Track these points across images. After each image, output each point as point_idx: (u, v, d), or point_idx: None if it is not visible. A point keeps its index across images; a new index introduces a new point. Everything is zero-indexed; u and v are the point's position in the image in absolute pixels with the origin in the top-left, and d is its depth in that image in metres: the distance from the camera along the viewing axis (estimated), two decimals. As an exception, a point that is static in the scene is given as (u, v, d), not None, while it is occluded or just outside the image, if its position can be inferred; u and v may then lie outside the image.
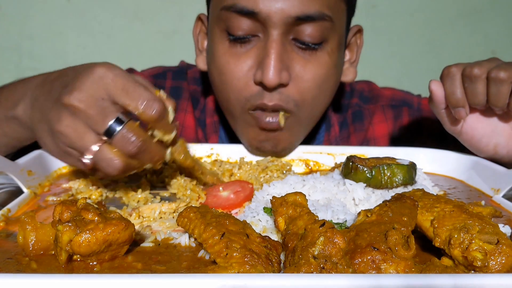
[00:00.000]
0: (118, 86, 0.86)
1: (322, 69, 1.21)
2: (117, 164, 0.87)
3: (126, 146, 0.86)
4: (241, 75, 1.19)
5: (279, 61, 1.14)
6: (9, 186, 1.02)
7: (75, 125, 0.86)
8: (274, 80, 1.13)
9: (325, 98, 1.28)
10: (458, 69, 1.09)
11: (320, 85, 1.22)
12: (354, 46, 1.40)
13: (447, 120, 1.17)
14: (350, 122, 1.56)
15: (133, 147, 0.86)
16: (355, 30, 1.38)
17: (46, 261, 0.70)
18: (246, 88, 1.19)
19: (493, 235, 0.66)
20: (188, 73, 1.60)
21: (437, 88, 1.12)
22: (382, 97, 1.60)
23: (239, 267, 0.63)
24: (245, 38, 1.18)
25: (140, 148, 0.87)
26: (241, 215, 0.89)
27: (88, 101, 0.86)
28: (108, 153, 0.86)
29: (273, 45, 1.14)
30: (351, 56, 1.41)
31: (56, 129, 0.88)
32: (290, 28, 1.15)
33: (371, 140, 1.56)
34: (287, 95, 1.19)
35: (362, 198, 0.93)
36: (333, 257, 0.62)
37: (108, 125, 0.85)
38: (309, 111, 1.25)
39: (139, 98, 0.86)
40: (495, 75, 1.03)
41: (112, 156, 0.86)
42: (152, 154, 0.90)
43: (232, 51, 1.20)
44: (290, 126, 1.23)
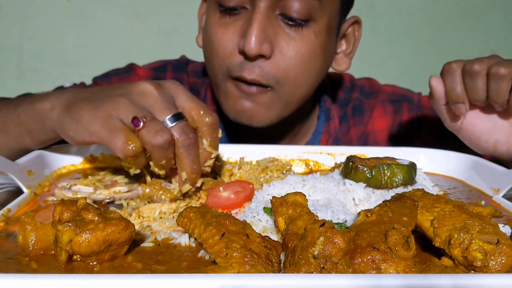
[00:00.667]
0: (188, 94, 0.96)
1: (306, 47, 1.24)
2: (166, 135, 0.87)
3: (182, 136, 0.90)
4: (226, 44, 1.25)
5: (261, 31, 1.19)
6: (9, 186, 1.02)
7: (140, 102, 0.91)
8: (254, 49, 1.18)
9: (310, 78, 1.30)
10: (458, 65, 1.10)
11: (304, 63, 1.25)
12: (351, 37, 1.42)
13: (447, 116, 1.17)
14: (350, 116, 1.58)
15: (188, 139, 0.90)
16: (351, 20, 1.40)
17: (46, 261, 0.70)
18: (230, 57, 1.25)
19: (493, 235, 0.66)
20: (189, 67, 1.63)
21: (437, 84, 1.13)
22: (382, 92, 1.62)
23: (239, 267, 0.63)
24: (234, 10, 1.24)
25: (192, 145, 0.91)
26: (241, 215, 0.89)
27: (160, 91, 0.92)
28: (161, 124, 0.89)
29: (257, 16, 1.20)
30: (347, 47, 1.43)
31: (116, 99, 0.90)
32: (276, 2, 1.20)
33: (370, 134, 1.57)
34: (268, 72, 1.23)
35: (362, 198, 0.93)
36: (333, 257, 0.62)
37: (172, 114, 0.90)
38: (291, 89, 1.28)
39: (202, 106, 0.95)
40: (495, 71, 1.03)
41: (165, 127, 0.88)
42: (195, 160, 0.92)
43: (221, 21, 1.26)
44: (267, 101, 1.28)
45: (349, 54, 1.44)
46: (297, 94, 1.32)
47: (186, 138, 0.90)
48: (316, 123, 1.57)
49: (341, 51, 1.43)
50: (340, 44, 1.42)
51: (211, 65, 1.33)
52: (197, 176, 0.94)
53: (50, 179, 1.10)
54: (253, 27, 1.19)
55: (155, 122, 0.88)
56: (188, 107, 0.94)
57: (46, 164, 1.12)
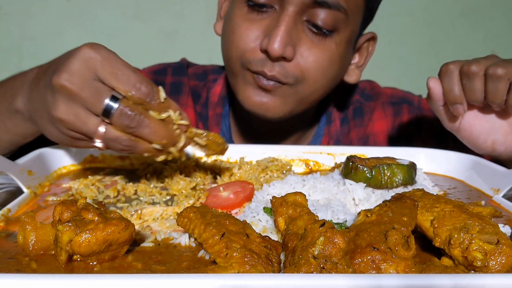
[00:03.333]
0: (107, 69, 0.86)
1: (326, 55, 1.27)
2: (125, 141, 0.87)
3: (126, 122, 0.86)
4: (249, 39, 1.27)
5: (287, 35, 1.22)
6: (9, 186, 1.02)
7: (74, 110, 0.87)
8: (278, 51, 1.20)
9: (326, 84, 1.33)
10: (456, 66, 1.10)
11: (323, 69, 1.28)
12: (364, 51, 1.46)
13: (445, 117, 1.17)
14: (351, 118, 1.58)
15: (133, 122, 0.86)
16: (369, 36, 1.43)
17: (46, 261, 0.70)
18: (251, 52, 1.27)
19: (493, 235, 0.66)
20: (189, 70, 1.63)
21: (435, 85, 1.13)
22: (382, 94, 1.62)
23: (239, 267, 0.63)
24: (263, 7, 1.26)
25: (141, 123, 0.87)
26: (241, 215, 0.89)
27: (79, 83, 0.85)
28: (113, 133, 0.87)
29: (286, 18, 1.22)
30: (360, 60, 1.46)
31: (55, 116, 0.88)
32: (305, 9, 1.23)
33: (370, 136, 1.58)
34: (288, 71, 1.26)
35: (362, 198, 0.93)
36: (333, 257, 0.62)
37: (104, 104, 0.85)
38: (309, 90, 1.31)
39: (128, 81, 0.87)
40: (492, 72, 1.03)
41: (118, 134, 0.87)
42: (157, 130, 0.88)
43: (248, 16, 1.28)
44: (285, 94, 1.30)
45: (360, 67, 1.47)
46: (313, 96, 1.35)
47: (128, 121, 0.86)
48: (318, 125, 1.58)
49: (353, 63, 1.46)
50: (354, 56, 1.45)
51: (229, 54, 1.33)
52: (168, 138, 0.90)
53: (50, 179, 1.10)
54: (280, 29, 1.21)
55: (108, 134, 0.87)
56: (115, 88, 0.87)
57: (46, 164, 1.12)
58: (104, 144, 0.89)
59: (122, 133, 0.87)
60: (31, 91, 0.98)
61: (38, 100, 0.94)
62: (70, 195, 1.01)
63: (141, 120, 0.87)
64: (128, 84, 0.87)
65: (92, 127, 0.87)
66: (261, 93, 1.31)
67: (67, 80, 0.85)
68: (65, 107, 0.87)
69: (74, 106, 0.86)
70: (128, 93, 0.87)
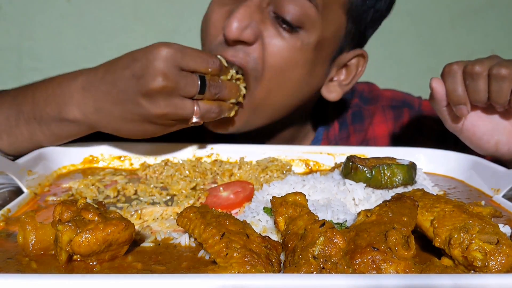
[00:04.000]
0: (186, 59, 1.03)
1: (289, 52, 1.18)
2: (216, 108, 1.09)
3: (214, 91, 1.08)
4: (216, 22, 1.24)
5: (246, 17, 1.15)
6: (9, 186, 1.02)
7: (173, 102, 1.03)
8: (234, 32, 1.14)
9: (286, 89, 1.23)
10: (459, 66, 1.09)
11: (282, 67, 1.19)
12: (353, 70, 1.35)
13: (448, 117, 1.17)
14: (350, 123, 1.56)
15: (218, 89, 1.09)
16: (357, 52, 1.33)
17: (46, 261, 0.70)
18: (216, 37, 1.22)
19: (493, 235, 0.66)
20: None
21: (438, 85, 1.12)
22: (382, 98, 1.60)
23: (239, 267, 0.63)
24: None
25: (222, 88, 1.10)
26: (241, 215, 0.89)
27: (173, 78, 1.01)
28: (206, 106, 1.07)
29: (249, 2, 1.16)
30: (345, 78, 1.35)
31: (156, 114, 1.03)
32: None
33: (370, 140, 1.56)
34: (252, 56, 1.18)
35: (362, 198, 0.93)
36: (333, 257, 0.62)
37: (198, 85, 1.04)
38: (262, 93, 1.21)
39: (203, 61, 1.06)
40: (496, 72, 1.03)
41: (210, 106, 1.08)
42: (231, 89, 1.13)
43: (221, 2, 1.25)
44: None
45: (344, 85, 1.36)
46: (268, 102, 1.23)
47: (216, 91, 1.08)
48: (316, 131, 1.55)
49: (337, 80, 1.35)
50: (340, 72, 1.35)
51: (203, 45, 1.30)
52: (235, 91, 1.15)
53: (50, 179, 1.10)
54: (239, 11, 1.14)
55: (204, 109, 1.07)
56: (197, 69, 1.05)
57: (46, 164, 1.12)
58: (200, 119, 1.07)
59: (210, 102, 1.08)
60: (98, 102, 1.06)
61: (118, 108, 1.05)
62: (70, 195, 1.01)
63: (222, 86, 1.10)
64: (205, 64, 1.06)
65: (191, 109, 1.05)
66: None
67: (164, 81, 1.00)
68: (165, 103, 1.02)
69: (172, 99, 1.02)
70: (208, 70, 1.06)
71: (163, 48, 1.01)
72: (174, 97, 1.02)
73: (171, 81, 1.00)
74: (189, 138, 1.30)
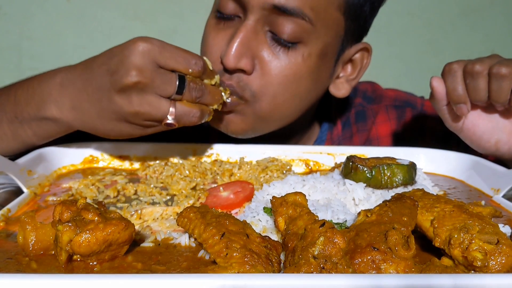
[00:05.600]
0: (165, 55, 0.98)
1: (291, 69, 1.19)
2: (195, 111, 1.03)
3: (195, 94, 1.02)
4: (213, 49, 1.23)
5: (242, 45, 1.15)
6: (9, 186, 1.02)
7: (147, 100, 0.98)
8: (231, 62, 1.15)
9: (293, 100, 1.24)
10: (459, 65, 1.09)
11: (285, 84, 1.19)
12: (358, 63, 1.35)
13: (448, 116, 1.17)
14: (353, 122, 1.56)
15: (199, 92, 1.02)
16: (360, 47, 1.33)
17: (46, 261, 0.70)
18: (214, 65, 1.20)
19: (493, 235, 0.66)
20: None
21: (438, 84, 1.13)
22: (385, 97, 1.60)
23: (239, 267, 0.63)
24: (229, 17, 1.22)
25: (204, 91, 1.03)
26: (241, 215, 0.89)
27: (149, 74, 0.96)
28: (184, 108, 1.01)
29: (243, 28, 1.16)
30: (352, 73, 1.36)
31: (130, 111, 0.98)
32: (267, 17, 1.15)
33: (374, 140, 1.56)
34: (246, 83, 1.18)
35: (362, 198, 0.93)
36: (333, 257, 0.62)
37: (176, 85, 0.99)
38: (268, 107, 1.21)
39: (185, 60, 1.00)
40: (496, 71, 1.03)
41: (188, 108, 1.01)
42: (214, 95, 1.06)
43: (216, 27, 1.25)
44: (243, 112, 1.22)
45: (351, 80, 1.37)
46: (276, 113, 1.24)
47: (196, 94, 1.02)
48: (319, 130, 1.56)
49: (344, 75, 1.36)
50: (345, 68, 1.35)
51: None
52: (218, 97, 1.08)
53: (50, 179, 1.10)
54: (235, 40, 1.14)
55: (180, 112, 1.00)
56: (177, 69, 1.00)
57: (46, 164, 1.12)
58: (176, 121, 1.01)
59: (190, 105, 1.02)
60: (74, 99, 1.03)
61: (93, 106, 1.01)
62: (70, 195, 1.01)
63: (204, 89, 1.03)
64: (186, 63, 1.00)
65: (165, 109, 0.99)
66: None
67: (137, 76, 0.95)
68: (139, 100, 0.97)
69: (147, 96, 0.97)
70: (189, 70, 1.00)
71: (140, 43, 0.98)
72: (148, 95, 0.97)
73: (145, 77, 0.95)
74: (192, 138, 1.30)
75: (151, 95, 0.97)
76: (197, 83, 1.02)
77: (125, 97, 0.97)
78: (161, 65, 0.98)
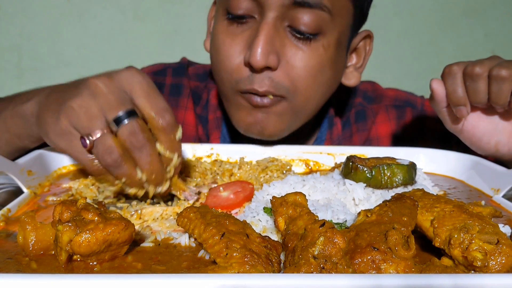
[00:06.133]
0: (144, 88, 0.89)
1: (315, 60, 1.21)
2: (115, 155, 0.85)
3: (131, 138, 0.85)
4: (233, 55, 1.22)
5: (268, 43, 1.15)
6: (9, 186, 1.02)
7: (90, 106, 0.87)
8: (260, 62, 1.15)
9: (319, 91, 1.27)
10: (459, 67, 1.09)
11: (313, 75, 1.22)
12: (362, 51, 1.39)
13: (448, 118, 1.17)
14: (353, 122, 1.56)
15: (138, 141, 0.86)
16: (363, 34, 1.37)
17: (46, 261, 0.70)
18: (237, 71, 1.21)
19: (493, 235, 0.66)
20: (190, 70, 1.61)
21: (438, 86, 1.13)
22: (385, 97, 1.60)
23: (239, 267, 0.63)
24: (242, 18, 1.20)
25: (144, 147, 0.86)
26: (241, 215, 0.89)
27: (111, 87, 0.88)
28: (109, 141, 0.85)
29: (265, 27, 1.16)
30: (358, 61, 1.40)
31: (68, 103, 0.88)
32: (286, 13, 1.16)
33: (374, 140, 1.56)
34: (277, 82, 1.20)
35: (362, 198, 0.93)
36: (333, 257, 0.62)
37: (121, 113, 0.86)
38: (302, 100, 1.25)
39: (157, 105, 0.89)
40: (496, 73, 1.03)
41: (112, 144, 0.85)
42: (153, 163, 0.88)
43: (229, 30, 1.23)
44: (280, 111, 1.24)
45: (359, 68, 1.40)
46: (308, 106, 1.28)
47: (134, 139, 0.85)
48: (319, 130, 1.56)
49: (351, 65, 1.39)
50: (351, 58, 1.39)
51: (219, 78, 1.28)
52: (157, 176, 0.89)
53: (50, 179, 1.10)
54: (259, 38, 1.14)
55: (103, 139, 0.85)
56: (141, 106, 0.89)
57: (46, 164, 1.12)
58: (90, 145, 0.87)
59: (118, 146, 0.85)
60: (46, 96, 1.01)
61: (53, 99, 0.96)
62: (70, 195, 1.01)
63: (145, 145, 0.86)
64: (156, 108, 0.88)
65: (94, 126, 0.86)
66: (255, 113, 1.24)
67: (102, 82, 0.88)
68: (82, 100, 0.87)
69: (91, 103, 0.87)
70: (151, 114, 0.88)
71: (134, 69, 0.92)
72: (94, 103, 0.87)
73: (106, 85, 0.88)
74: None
75: (96, 104, 0.87)
76: (145, 133, 0.87)
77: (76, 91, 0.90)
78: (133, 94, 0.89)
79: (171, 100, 1.54)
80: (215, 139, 1.52)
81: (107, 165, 0.86)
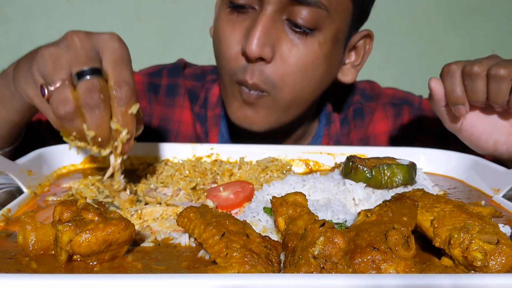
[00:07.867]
0: (115, 55, 0.89)
1: (309, 56, 1.24)
2: (68, 107, 0.83)
3: (86, 95, 0.84)
4: (232, 43, 1.26)
5: (264, 34, 1.19)
6: (9, 186, 1.02)
7: (59, 56, 0.87)
8: (255, 51, 1.18)
9: (310, 86, 1.30)
10: (458, 66, 1.09)
11: (304, 70, 1.25)
12: (361, 50, 1.42)
13: (446, 117, 1.17)
14: (351, 119, 1.57)
15: (94, 99, 0.84)
16: (363, 33, 1.39)
17: (46, 261, 0.70)
18: (235, 59, 1.25)
19: (493, 235, 0.66)
20: (186, 71, 1.62)
21: (436, 85, 1.13)
22: (383, 95, 1.61)
23: (239, 267, 0.63)
24: (243, 8, 1.24)
25: (97, 106, 0.84)
26: (241, 215, 0.89)
27: (86, 44, 0.88)
28: (67, 92, 0.84)
29: (263, 18, 1.19)
30: (356, 59, 1.43)
31: (42, 51, 0.88)
32: (284, 7, 1.20)
33: (371, 137, 1.57)
34: (267, 76, 1.23)
35: (362, 198, 0.93)
36: (333, 257, 0.62)
37: (85, 68, 0.85)
38: (288, 95, 1.28)
39: (119, 75, 0.87)
40: (495, 72, 1.03)
41: (69, 97, 0.84)
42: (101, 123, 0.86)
43: (230, 18, 1.26)
44: (266, 106, 1.28)
45: (356, 66, 1.43)
46: (296, 101, 1.31)
47: (89, 97, 0.83)
48: (317, 126, 1.57)
49: (349, 62, 1.42)
50: (349, 55, 1.41)
51: (219, 65, 1.34)
52: (103, 140, 0.87)
53: (50, 179, 1.10)
54: (257, 29, 1.18)
55: (61, 90, 0.84)
56: (105, 72, 0.88)
57: (46, 164, 1.12)
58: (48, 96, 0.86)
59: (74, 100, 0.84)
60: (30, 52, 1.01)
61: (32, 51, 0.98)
62: (70, 195, 1.01)
63: (98, 106, 0.84)
64: (117, 77, 0.87)
65: (57, 76, 0.85)
66: (245, 107, 1.30)
67: (79, 37, 0.88)
68: (55, 50, 0.88)
69: (61, 54, 0.87)
70: (111, 82, 0.86)
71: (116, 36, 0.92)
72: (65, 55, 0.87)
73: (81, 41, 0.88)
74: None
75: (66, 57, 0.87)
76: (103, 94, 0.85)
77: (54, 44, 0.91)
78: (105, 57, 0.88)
79: (167, 100, 1.56)
80: (213, 136, 1.52)
81: (59, 117, 0.85)
